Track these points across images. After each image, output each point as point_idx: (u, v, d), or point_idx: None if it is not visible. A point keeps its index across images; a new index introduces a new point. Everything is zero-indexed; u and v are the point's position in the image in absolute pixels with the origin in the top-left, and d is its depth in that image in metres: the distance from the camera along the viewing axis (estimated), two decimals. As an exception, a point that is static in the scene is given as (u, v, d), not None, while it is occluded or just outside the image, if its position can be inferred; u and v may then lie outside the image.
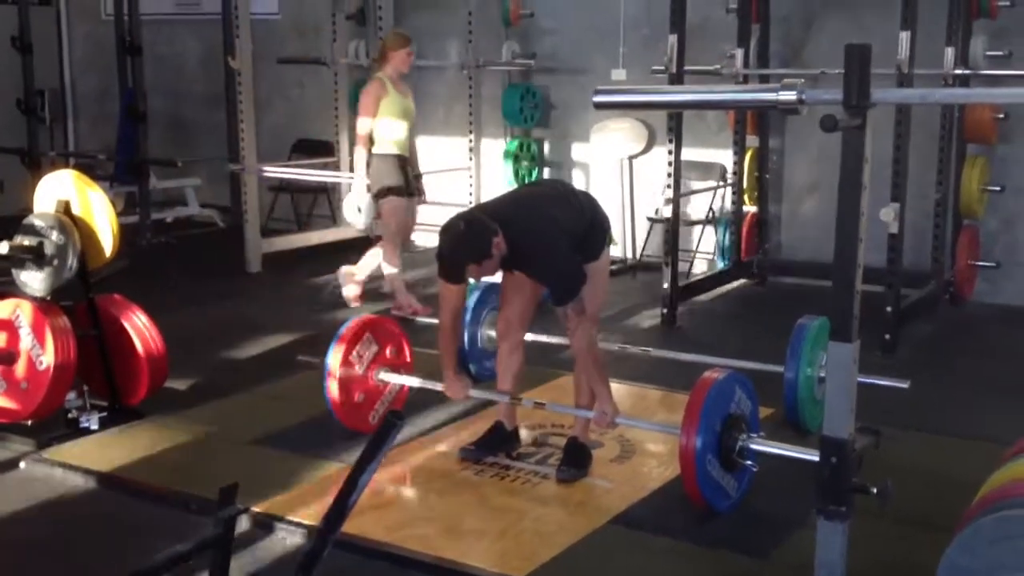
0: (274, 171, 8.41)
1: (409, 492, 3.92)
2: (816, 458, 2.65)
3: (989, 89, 6.32)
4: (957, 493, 3.28)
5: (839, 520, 2.55)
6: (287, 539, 3.47)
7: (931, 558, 2.65)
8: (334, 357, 4.20)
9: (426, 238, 8.64)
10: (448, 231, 3.66)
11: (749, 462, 3.65)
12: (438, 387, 4.18)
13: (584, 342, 3.78)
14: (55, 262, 4.32)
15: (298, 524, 3.51)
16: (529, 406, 4.16)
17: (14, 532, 3.54)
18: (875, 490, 2.73)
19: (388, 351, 4.36)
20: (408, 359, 4.45)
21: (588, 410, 3.98)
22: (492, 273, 3.77)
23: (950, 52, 6.16)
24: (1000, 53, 6.42)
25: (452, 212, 3.87)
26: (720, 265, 7.45)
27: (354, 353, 4.24)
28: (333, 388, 4.19)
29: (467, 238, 3.64)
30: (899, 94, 3.88)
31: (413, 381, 4.39)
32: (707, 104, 3.53)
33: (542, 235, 3.74)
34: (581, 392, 4.05)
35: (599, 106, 2.88)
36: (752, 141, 7.41)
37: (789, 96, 2.51)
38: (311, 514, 3.56)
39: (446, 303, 3.94)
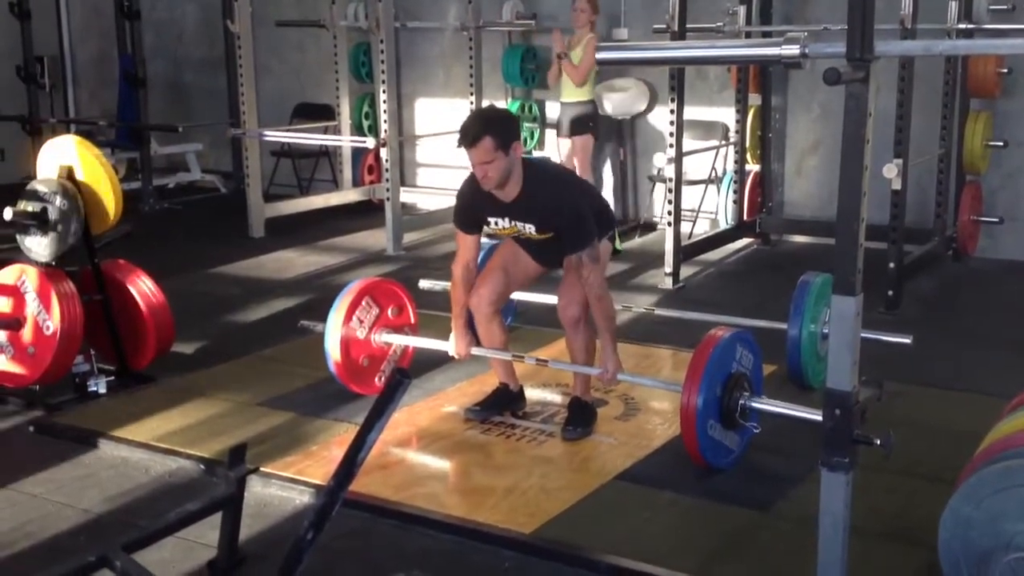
0: (275, 135, 8.40)
1: (416, 452, 3.94)
2: (818, 417, 2.66)
3: (993, 40, 6.27)
4: (960, 445, 3.31)
5: (842, 471, 2.56)
6: (297, 498, 3.51)
7: (934, 509, 2.68)
8: (334, 321, 4.21)
9: (426, 200, 8.65)
10: (483, 108, 3.92)
11: (751, 423, 3.65)
12: (441, 346, 4.20)
13: (597, 289, 3.79)
14: (59, 227, 4.33)
15: (307, 483, 3.55)
16: (532, 363, 4.18)
17: (29, 489, 3.58)
18: (878, 441, 2.75)
19: (389, 313, 4.37)
20: (412, 320, 4.46)
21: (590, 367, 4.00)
22: (495, 180, 3.67)
23: (953, 6, 6.12)
24: (1004, 7, 6.38)
25: (453, 175, 3.87)
26: (723, 224, 7.45)
27: (355, 317, 4.25)
28: (335, 352, 4.21)
29: (500, 115, 3.88)
30: (902, 46, 3.83)
31: (414, 341, 4.40)
32: (710, 60, 3.51)
33: (561, 179, 3.95)
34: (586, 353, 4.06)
35: (602, 63, 2.87)
36: (755, 100, 7.38)
37: (792, 50, 2.49)
38: (320, 473, 3.59)
39: (459, 253, 3.98)
